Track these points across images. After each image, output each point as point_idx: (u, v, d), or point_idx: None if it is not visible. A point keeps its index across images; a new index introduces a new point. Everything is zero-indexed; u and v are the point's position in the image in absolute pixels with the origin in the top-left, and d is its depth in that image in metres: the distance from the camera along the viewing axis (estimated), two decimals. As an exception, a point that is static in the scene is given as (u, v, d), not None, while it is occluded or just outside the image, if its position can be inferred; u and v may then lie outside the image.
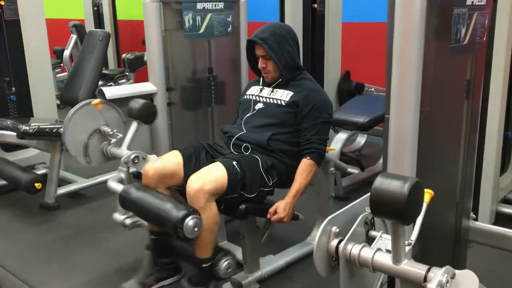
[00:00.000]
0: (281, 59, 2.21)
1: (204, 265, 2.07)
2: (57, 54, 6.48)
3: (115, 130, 2.46)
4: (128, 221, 2.23)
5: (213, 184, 1.98)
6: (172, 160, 2.18)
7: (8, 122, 3.22)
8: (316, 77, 4.08)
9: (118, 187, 2.21)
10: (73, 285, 2.45)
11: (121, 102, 2.75)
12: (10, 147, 3.69)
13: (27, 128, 3.08)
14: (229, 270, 2.09)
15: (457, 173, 1.90)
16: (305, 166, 2.16)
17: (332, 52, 4.11)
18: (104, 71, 5.63)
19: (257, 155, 2.17)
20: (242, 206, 2.08)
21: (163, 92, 2.62)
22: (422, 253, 1.74)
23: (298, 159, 2.20)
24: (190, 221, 1.90)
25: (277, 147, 2.20)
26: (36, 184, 3.04)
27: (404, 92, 1.55)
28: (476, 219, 2.07)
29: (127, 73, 5.82)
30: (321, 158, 2.21)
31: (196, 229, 1.92)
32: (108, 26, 6.78)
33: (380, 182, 1.25)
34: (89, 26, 6.83)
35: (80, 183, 3.55)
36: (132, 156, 2.30)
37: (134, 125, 2.41)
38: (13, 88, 3.80)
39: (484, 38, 1.74)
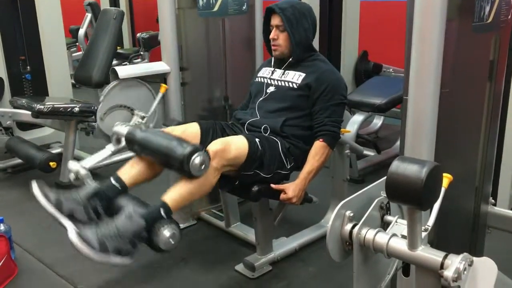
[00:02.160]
0: (295, 34, 2.16)
1: (161, 212, 1.83)
2: (72, 33, 6.47)
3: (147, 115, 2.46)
4: (83, 172, 2.13)
5: (233, 153, 1.94)
6: (191, 129, 2.15)
7: (23, 101, 3.22)
8: (332, 57, 4.06)
9: (124, 130, 2.14)
10: (86, 266, 2.43)
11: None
12: (25, 126, 3.71)
13: (42, 107, 3.08)
14: (169, 240, 1.81)
15: (476, 157, 1.84)
16: (317, 148, 2.12)
17: (350, 31, 4.02)
18: (119, 51, 5.61)
19: (276, 138, 2.14)
20: (255, 188, 2.06)
21: (176, 72, 2.58)
22: (438, 239, 1.71)
23: (312, 143, 2.16)
24: (196, 158, 1.82)
25: (291, 132, 2.17)
26: (51, 163, 3.06)
27: (424, 72, 1.50)
28: (495, 204, 2.01)
29: (142, 53, 5.80)
30: (334, 140, 2.17)
31: (203, 166, 1.84)
32: (123, 5, 6.74)
33: (397, 166, 1.21)
34: (104, 4, 6.79)
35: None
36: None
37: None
38: (28, 67, 3.80)
39: (509, 17, 1.66)
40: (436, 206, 1.36)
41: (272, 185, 2.06)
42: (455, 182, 1.68)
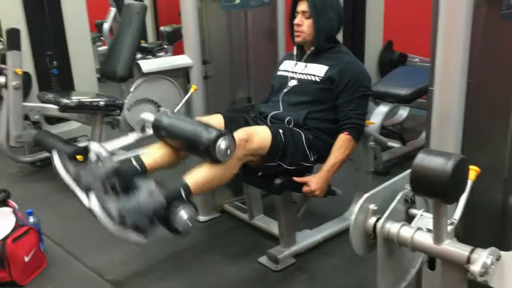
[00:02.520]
0: (320, 21, 2.13)
1: (181, 191, 1.83)
2: (98, 28, 6.54)
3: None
4: (104, 153, 2.11)
5: (256, 143, 1.94)
6: (214, 119, 2.15)
7: (50, 96, 3.28)
8: (356, 47, 4.00)
9: (151, 117, 2.15)
10: (113, 257, 2.51)
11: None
12: (53, 120, 3.78)
13: (68, 101, 3.13)
14: (187, 222, 1.77)
15: (505, 148, 1.79)
16: (342, 140, 2.10)
17: (374, 20, 3.95)
18: (143, 44, 5.64)
19: (300, 130, 2.12)
20: (278, 180, 2.05)
21: (199, 65, 2.59)
22: (465, 233, 1.67)
23: (336, 136, 2.14)
24: (222, 143, 1.81)
25: (313, 125, 2.15)
26: (78, 157, 3.10)
27: (450, 62, 1.46)
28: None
29: (165, 46, 5.82)
30: (359, 133, 2.14)
31: (229, 151, 1.84)
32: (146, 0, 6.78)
33: (422, 159, 1.19)
34: (129, -1, 6.85)
35: (120, 155, 3.59)
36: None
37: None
38: (55, 62, 3.86)
39: (540, 4, 1.61)
40: (463, 199, 1.33)
41: (295, 178, 2.06)
42: (483, 174, 1.63)
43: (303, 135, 2.09)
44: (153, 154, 2.04)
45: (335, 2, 2.19)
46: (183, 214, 1.76)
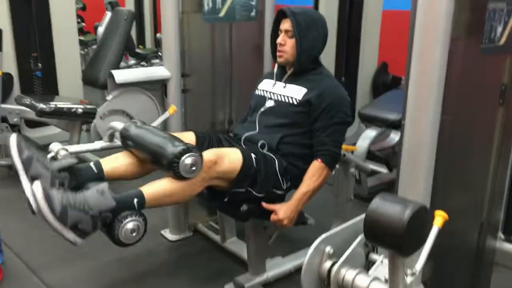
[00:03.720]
0: (302, 41, 2.02)
1: (135, 201, 1.69)
2: (96, 31, 6.47)
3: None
4: (63, 152, 1.97)
5: (225, 166, 1.83)
6: (186, 138, 2.03)
7: (28, 99, 3.17)
8: (349, 67, 3.90)
9: (119, 125, 2.06)
10: (74, 273, 2.39)
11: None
12: (33, 124, 3.67)
13: (44, 106, 3.03)
14: (132, 234, 1.64)
15: (485, 187, 1.68)
16: (315, 168, 1.98)
17: (369, 41, 3.86)
18: (138, 50, 5.58)
19: (273, 155, 2.01)
20: (244, 207, 1.93)
21: (177, 78, 2.48)
22: (436, 278, 1.56)
23: (311, 162, 2.02)
24: (187, 158, 1.70)
25: (288, 150, 2.03)
26: (51, 164, 3.00)
27: (423, 96, 1.36)
28: (507, 240, 1.85)
29: (160, 53, 5.74)
30: (334, 161, 2.03)
31: (194, 168, 1.72)
32: (147, 5, 6.72)
33: (377, 205, 1.08)
34: (130, 4, 6.79)
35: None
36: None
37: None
38: (40, 64, 3.77)
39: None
40: (427, 248, 1.22)
41: (263, 204, 1.94)
42: (458, 215, 1.53)
43: (276, 161, 1.98)
44: (115, 162, 1.92)
45: (319, 21, 2.08)
46: (129, 225, 1.63)
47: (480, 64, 1.39)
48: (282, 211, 1.93)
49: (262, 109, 2.13)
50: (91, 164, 1.88)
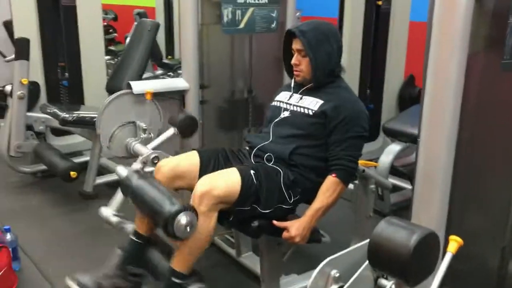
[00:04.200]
0: (316, 58, 1.98)
1: (174, 280, 1.84)
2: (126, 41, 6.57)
3: (150, 127, 2.33)
4: (114, 219, 2.07)
5: (222, 191, 1.79)
6: (189, 160, 2.02)
7: (51, 109, 3.22)
8: (375, 80, 3.82)
9: (124, 172, 2.07)
10: (87, 283, 2.38)
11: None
12: (59, 132, 3.73)
13: (67, 115, 3.07)
14: None
15: (507, 210, 1.58)
16: (329, 183, 1.92)
17: (396, 53, 3.77)
18: (165, 61, 5.62)
19: (280, 167, 1.96)
20: (255, 223, 1.88)
21: (195, 89, 2.47)
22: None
23: (325, 176, 1.96)
24: (183, 218, 1.70)
25: (300, 161, 1.98)
26: (72, 173, 3.03)
27: (439, 112, 1.29)
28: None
29: (187, 64, 5.77)
30: (349, 176, 1.96)
31: (188, 228, 1.72)
32: (176, 16, 6.79)
33: (382, 229, 1.02)
34: (159, 14, 6.88)
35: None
36: (152, 155, 2.17)
37: (170, 131, 2.27)
38: (66, 74, 3.83)
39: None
40: (439, 276, 1.15)
41: (275, 222, 1.88)
42: (477, 238, 1.44)
43: (281, 174, 1.92)
44: (143, 221, 2.00)
45: (331, 33, 2.02)
46: None
47: (500, 80, 1.31)
48: (294, 228, 1.87)
49: (277, 120, 2.09)
50: (134, 238, 2.01)
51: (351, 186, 2.67)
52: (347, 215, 2.63)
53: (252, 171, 1.87)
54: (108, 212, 2.14)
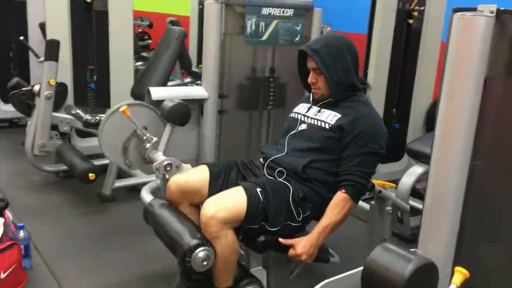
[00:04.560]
0: (332, 75, 1.94)
1: None
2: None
3: (148, 134, 2.32)
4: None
5: (228, 213, 1.77)
6: (198, 175, 2.01)
7: (75, 110, 3.27)
8: (402, 99, 3.73)
9: (148, 198, 2.10)
10: (95, 285, 2.39)
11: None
12: (84, 134, 3.78)
13: (89, 118, 3.11)
14: None
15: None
16: (338, 200, 1.86)
17: (426, 73, 3.67)
18: (194, 69, 5.65)
19: (290, 183, 1.92)
20: (261, 238, 1.84)
21: (214, 99, 2.46)
22: None
23: (336, 192, 1.91)
24: (200, 253, 1.74)
25: (314, 176, 1.93)
26: (90, 174, 3.07)
27: (451, 139, 1.23)
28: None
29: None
30: (359, 193, 1.89)
31: (205, 263, 1.75)
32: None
33: (378, 256, 0.97)
34: (193, 23, 6.95)
35: (139, 178, 3.52)
36: (165, 163, 2.16)
37: (168, 128, 2.26)
38: (95, 77, 3.89)
39: None
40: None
41: (281, 240, 1.84)
42: (492, 271, 1.37)
43: (291, 190, 1.88)
44: None
45: (345, 46, 1.98)
46: None
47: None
48: (301, 245, 1.82)
49: (293, 132, 2.05)
50: None
51: (367, 206, 2.62)
52: (362, 236, 2.56)
53: (258, 189, 1.84)
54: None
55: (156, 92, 2.38)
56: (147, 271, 2.53)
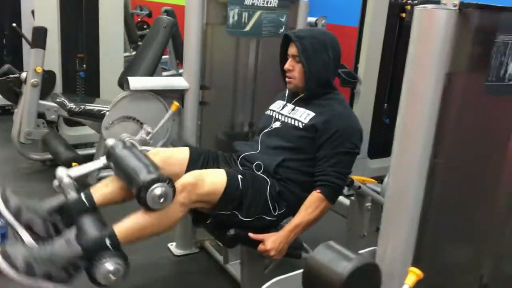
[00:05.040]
0: (311, 66, 1.90)
1: (107, 241, 1.64)
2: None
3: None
4: (66, 181, 1.92)
5: (206, 188, 1.74)
6: (179, 154, 1.99)
7: (61, 98, 3.25)
8: (393, 94, 3.68)
9: (111, 142, 2.03)
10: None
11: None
12: (71, 122, 3.75)
13: (74, 106, 3.08)
14: (109, 275, 1.60)
15: (485, 240, 1.47)
16: (312, 199, 1.83)
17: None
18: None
19: (268, 177, 1.89)
20: (231, 231, 1.82)
21: (195, 90, 2.42)
22: None
23: (311, 191, 1.88)
24: (157, 189, 1.63)
25: (286, 175, 1.90)
26: (73, 164, 3.03)
27: (410, 136, 1.20)
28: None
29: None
30: (334, 193, 1.86)
31: (162, 200, 1.65)
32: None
33: (319, 254, 0.94)
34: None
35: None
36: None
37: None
38: (84, 65, 3.86)
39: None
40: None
41: (250, 235, 1.82)
42: (453, 271, 1.34)
43: (268, 184, 1.85)
44: (105, 189, 1.90)
45: (330, 42, 1.94)
46: (105, 266, 1.61)
47: (483, 104, 1.21)
48: (270, 241, 1.79)
49: (267, 130, 2.03)
50: (82, 196, 1.85)
51: (347, 202, 2.59)
52: (342, 232, 2.54)
53: (240, 176, 1.82)
54: (65, 173, 1.98)
55: (135, 82, 2.35)
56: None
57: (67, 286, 1.61)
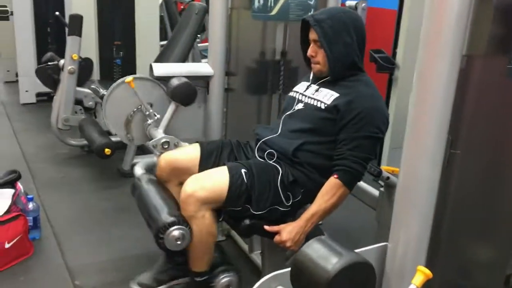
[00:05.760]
0: (333, 49, 1.80)
1: (197, 279, 1.87)
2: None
3: (151, 110, 2.29)
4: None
5: (207, 192, 1.72)
6: (189, 153, 1.96)
7: (95, 85, 3.30)
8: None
9: (139, 172, 2.08)
10: (96, 260, 2.41)
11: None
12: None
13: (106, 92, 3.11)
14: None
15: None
16: (329, 186, 1.74)
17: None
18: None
19: (281, 165, 1.82)
20: (246, 222, 1.77)
21: (221, 76, 2.38)
22: None
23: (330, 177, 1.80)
24: (174, 231, 1.71)
25: (305, 159, 1.82)
26: (106, 150, 3.08)
27: (424, 123, 1.10)
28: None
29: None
30: (353, 179, 1.76)
31: (179, 242, 1.72)
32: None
33: (309, 249, 0.88)
34: None
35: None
36: (162, 140, 2.13)
37: (172, 106, 2.22)
38: (121, 53, 3.91)
39: None
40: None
41: (266, 227, 1.77)
42: (478, 271, 1.25)
43: (280, 173, 1.79)
44: None
45: (351, 21, 1.83)
46: (224, 280, 1.92)
47: (504, 89, 1.10)
48: (286, 231, 1.73)
49: (290, 111, 1.95)
50: None
51: (376, 193, 2.49)
52: (371, 224, 2.44)
53: (243, 170, 1.76)
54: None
55: (159, 68, 2.34)
56: (149, 250, 2.50)
57: None
